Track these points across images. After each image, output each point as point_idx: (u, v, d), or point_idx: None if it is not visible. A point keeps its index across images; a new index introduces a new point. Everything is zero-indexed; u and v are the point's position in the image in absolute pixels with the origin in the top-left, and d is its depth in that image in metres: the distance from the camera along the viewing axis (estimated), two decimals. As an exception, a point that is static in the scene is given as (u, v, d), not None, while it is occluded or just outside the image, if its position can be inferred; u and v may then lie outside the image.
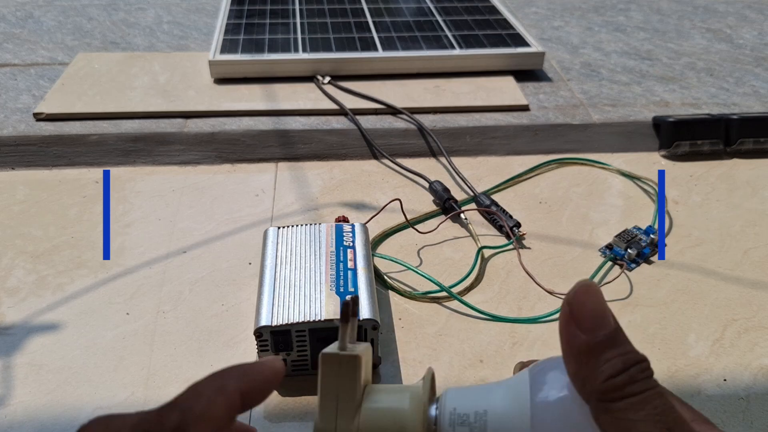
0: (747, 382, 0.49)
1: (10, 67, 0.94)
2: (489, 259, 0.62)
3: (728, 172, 0.75)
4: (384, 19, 1.02)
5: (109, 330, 0.53)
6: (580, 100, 0.88)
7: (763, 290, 0.58)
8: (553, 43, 1.05)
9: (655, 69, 0.97)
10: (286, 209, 0.67)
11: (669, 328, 0.54)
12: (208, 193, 0.70)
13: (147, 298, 0.56)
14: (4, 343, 0.52)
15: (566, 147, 0.78)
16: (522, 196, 0.70)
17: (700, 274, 0.60)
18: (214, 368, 0.49)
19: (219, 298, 0.56)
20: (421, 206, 0.68)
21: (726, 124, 0.77)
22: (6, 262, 0.60)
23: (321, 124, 0.81)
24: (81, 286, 0.57)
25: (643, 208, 0.68)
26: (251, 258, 0.61)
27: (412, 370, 0.50)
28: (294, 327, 0.46)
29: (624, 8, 1.21)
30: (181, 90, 0.87)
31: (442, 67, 0.91)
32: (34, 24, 1.08)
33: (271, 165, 0.75)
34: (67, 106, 0.82)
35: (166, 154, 0.75)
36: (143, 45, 1.01)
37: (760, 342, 0.53)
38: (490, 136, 0.79)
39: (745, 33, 1.11)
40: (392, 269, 0.60)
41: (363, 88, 0.87)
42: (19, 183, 0.71)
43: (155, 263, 0.60)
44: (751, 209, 0.68)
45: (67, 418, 0.46)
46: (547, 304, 0.56)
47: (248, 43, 0.92)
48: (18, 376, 0.49)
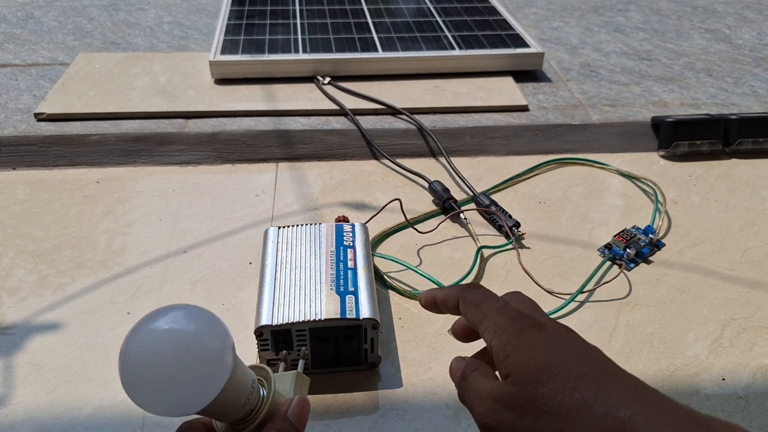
0: (746, 381, 0.50)
1: (11, 67, 0.94)
2: (488, 258, 0.62)
3: (727, 172, 0.75)
4: (384, 20, 1.02)
5: (110, 329, 0.53)
6: (579, 101, 0.88)
7: (761, 290, 0.58)
8: (552, 44, 1.05)
9: (654, 69, 0.97)
10: (287, 209, 0.68)
11: (668, 327, 0.54)
12: (208, 193, 0.70)
13: (147, 297, 0.56)
14: (5, 343, 0.52)
15: (565, 147, 0.78)
16: (521, 196, 0.70)
17: (699, 274, 0.60)
18: (214, 367, 0.50)
19: (219, 298, 0.56)
20: (420, 206, 0.68)
21: (725, 124, 0.77)
22: (7, 262, 0.60)
23: (321, 125, 0.81)
24: (82, 285, 0.58)
25: (642, 208, 0.68)
26: (251, 258, 0.61)
27: (412, 370, 0.50)
28: (294, 326, 0.46)
29: (623, 9, 1.21)
30: (181, 90, 0.87)
31: (442, 68, 0.91)
32: (35, 24, 1.08)
33: (271, 165, 0.75)
34: (67, 107, 0.82)
35: (166, 154, 0.75)
36: (144, 45, 1.01)
37: (759, 341, 0.53)
38: (489, 136, 0.80)
39: (744, 33, 1.11)
40: (392, 269, 0.60)
41: (363, 88, 0.87)
42: (20, 183, 0.71)
43: (156, 263, 0.60)
44: (750, 209, 0.69)
45: (68, 418, 0.46)
46: (546, 304, 0.56)
47: (248, 44, 0.92)
48: (19, 376, 0.49)
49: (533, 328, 0.31)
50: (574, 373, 0.29)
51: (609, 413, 0.27)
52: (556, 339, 0.31)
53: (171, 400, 0.28)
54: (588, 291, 0.58)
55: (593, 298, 0.57)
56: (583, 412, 0.27)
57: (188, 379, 0.28)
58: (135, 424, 0.46)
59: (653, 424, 0.26)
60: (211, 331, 0.29)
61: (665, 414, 0.27)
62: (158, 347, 0.28)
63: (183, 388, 0.28)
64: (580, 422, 0.27)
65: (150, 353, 0.28)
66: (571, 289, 0.57)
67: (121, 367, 0.28)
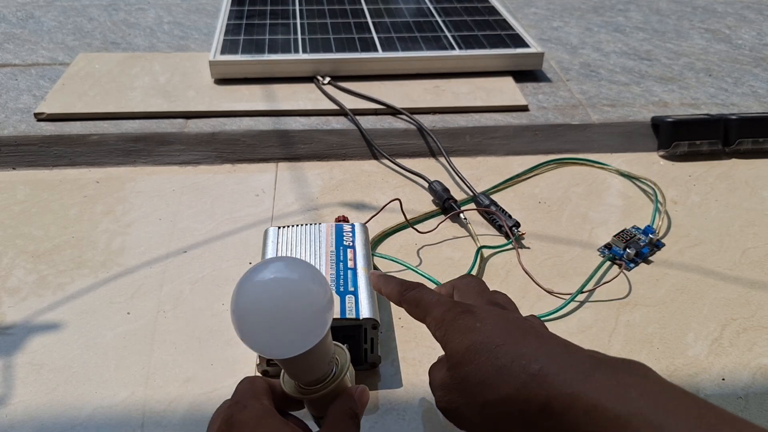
0: (745, 381, 0.50)
1: (11, 67, 0.94)
2: (488, 258, 0.62)
3: (727, 172, 0.75)
4: (384, 20, 1.02)
5: (110, 329, 0.53)
6: (579, 101, 0.88)
7: (761, 290, 0.58)
8: (552, 44, 1.05)
9: (654, 69, 0.97)
10: (286, 209, 0.68)
11: (668, 327, 0.54)
12: (208, 193, 0.70)
13: (147, 297, 0.56)
14: (4, 343, 0.52)
15: (565, 147, 0.78)
16: (521, 196, 0.70)
17: (698, 274, 0.60)
18: (214, 367, 0.50)
19: (219, 298, 0.56)
20: (420, 206, 0.68)
21: (725, 124, 0.77)
22: (6, 262, 0.60)
23: (321, 125, 0.81)
24: (81, 285, 0.58)
25: (642, 208, 0.68)
26: (251, 257, 0.61)
27: (412, 370, 0.50)
28: (294, 326, 0.46)
29: (623, 9, 1.21)
30: (181, 90, 0.87)
31: (442, 68, 0.91)
32: (35, 24, 1.08)
33: (271, 165, 0.75)
34: (67, 107, 0.82)
35: (166, 154, 0.75)
36: (144, 45, 1.01)
37: (759, 341, 0.53)
38: (489, 136, 0.80)
39: (744, 33, 1.11)
40: (392, 269, 0.60)
41: (363, 88, 0.87)
42: (20, 183, 0.71)
43: (155, 263, 0.60)
44: (750, 209, 0.69)
45: (68, 418, 0.46)
46: (546, 304, 0.56)
47: (248, 44, 0.92)
48: (18, 376, 0.49)
49: (463, 314, 0.35)
50: (494, 345, 0.33)
51: (524, 370, 0.31)
52: (483, 320, 0.34)
53: (285, 339, 0.32)
54: (588, 291, 0.58)
55: (593, 298, 0.57)
56: (503, 375, 0.31)
57: (300, 322, 0.32)
58: (135, 424, 0.46)
59: (560, 370, 0.30)
60: (321, 285, 0.34)
61: (571, 360, 0.31)
62: (275, 293, 0.33)
63: (294, 330, 0.32)
64: (502, 384, 0.31)
65: (268, 299, 0.32)
66: (570, 289, 0.57)
67: (238, 305, 0.33)
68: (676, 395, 0.28)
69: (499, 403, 0.31)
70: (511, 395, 0.31)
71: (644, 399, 0.27)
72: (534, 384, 0.30)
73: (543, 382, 0.30)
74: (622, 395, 0.28)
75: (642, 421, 0.26)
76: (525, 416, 0.30)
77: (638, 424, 0.26)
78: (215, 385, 0.49)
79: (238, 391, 0.36)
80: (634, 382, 0.28)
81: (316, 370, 0.36)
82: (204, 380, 0.49)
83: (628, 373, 0.29)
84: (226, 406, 0.35)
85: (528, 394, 0.30)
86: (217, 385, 0.49)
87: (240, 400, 0.35)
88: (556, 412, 0.29)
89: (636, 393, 0.27)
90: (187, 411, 0.47)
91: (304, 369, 0.36)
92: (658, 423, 0.26)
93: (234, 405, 0.34)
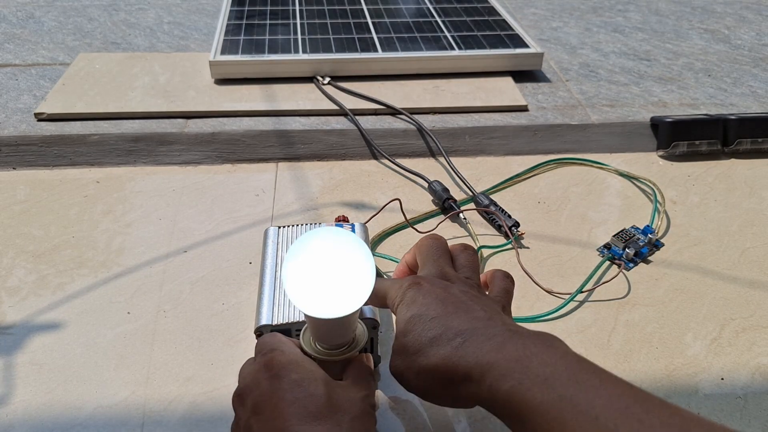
0: (745, 381, 0.50)
1: (11, 67, 0.94)
2: (488, 258, 0.62)
3: (726, 172, 0.75)
4: (383, 20, 1.02)
5: (110, 329, 0.53)
6: (578, 101, 0.88)
7: (760, 289, 0.58)
8: (551, 44, 1.06)
9: (653, 69, 0.97)
10: (286, 209, 0.68)
11: (667, 327, 0.54)
12: (208, 193, 0.70)
13: (147, 297, 0.56)
14: (4, 343, 0.52)
15: (565, 147, 0.78)
16: (521, 196, 0.70)
17: (698, 274, 0.60)
18: (214, 367, 0.50)
19: (219, 298, 0.57)
20: (420, 206, 0.68)
21: (724, 124, 0.77)
22: (7, 262, 0.60)
23: (321, 125, 0.81)
24: (82, 285, 0.58)
25: (641, 208, 0.68)
26: (251, 257, 0.61)
27: (412, 369, 0.50)
28: (294, 326, 0.46)
29: (622, 9, 1.21)
30: (181, 90, 0.87)
31: (442, 68, 0.91)
32: (35, 24, 1.08)
33: (271, 165, 0.75)
34: (67, 107, 0.82)
35: (166, 154, 0.76)
36: (144, 45, 1.01)
37: (758, 341, 0.53)
38: (489, 136, 0.80)
39: (743, 33, 1.11)
40: (392, 269, 0.60)
41: (363, 88, 0.87)
42: (20, 183, 0.71)
43: (156, 263, 0.60)
44: (749, 209, 0.69)
45: (68, 417, 0.46)
46: (545, 304, 0.56)
47: (248, 44, 0.92)
48: (19, 375, 0.49)
49: (410, 288, 0.39)
50: (429, 317, 0.37)
51: (449, 342, 0.35)
52: (426, 294, 0.39)
53: (339, 298, 0.37)
54: (587, 291, 0.58)
55: (592, 298, 0.57)
56: (434, 345, 0.36)
57: (356, 284, 0.37)
58: (135, 423, 0.46)
59: (479, 342, 0.35)
60: (367, 255, 0.38)
61: (488, 332, 0.35)
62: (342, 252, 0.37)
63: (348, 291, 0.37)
64: (432, 354, 0.36)
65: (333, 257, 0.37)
66: (570, 289, 0.57)
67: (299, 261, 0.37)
68: (571, 361, 0.33)
69: (431, 369, 0.36)
70: (439, 364, 0.35)
71: (544, 366, 0.32)
72: (456, 356, 0.35)
73: (465, 353, 0.34)
74: (526, 363, 0.33)
75: (535, 380, 0.32)
76: (452, 381, 0.35)
77: (530, 384, 0.32)
78: (215, 384, 0.49)
79: (266, 343, 0.40)
80: (538, 351, 0.33)
81: (346, 333, 0.40)
82: (204, 380, 0.49)
83: (535, 343, 0.34)
84: (258, 358, 0.39)
85: (452, 364, 0.35)
86: (217, 385, 0.49)
87: (276, 347, 0.39)
88: (475, 379, 0.34)
89: (537, 361, 0.33)
90: (187, 411, 0.47)
91: (339, 330, 0.39)
92: (548, 380, 0.32)
93: (270, 351, 0.38)
